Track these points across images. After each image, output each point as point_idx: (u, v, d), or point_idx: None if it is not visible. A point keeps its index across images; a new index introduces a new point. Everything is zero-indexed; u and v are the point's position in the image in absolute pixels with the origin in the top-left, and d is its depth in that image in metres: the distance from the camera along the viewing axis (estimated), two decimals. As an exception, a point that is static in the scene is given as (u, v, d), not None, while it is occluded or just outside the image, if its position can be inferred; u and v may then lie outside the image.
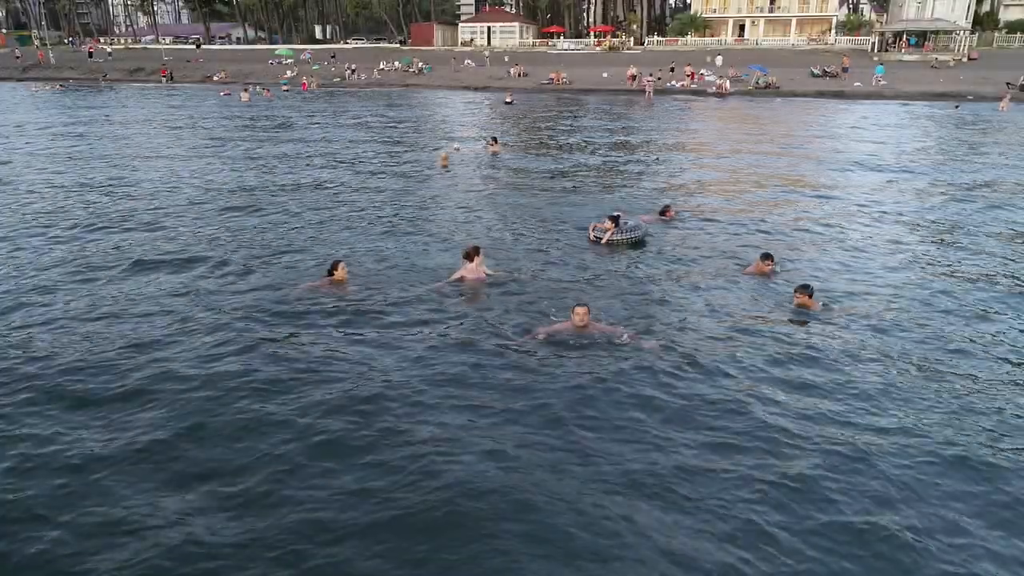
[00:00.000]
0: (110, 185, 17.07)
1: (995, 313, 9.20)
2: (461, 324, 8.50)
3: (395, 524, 5.06)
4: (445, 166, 19.45)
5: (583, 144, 25.07)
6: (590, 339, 7.88)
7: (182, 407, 6.58)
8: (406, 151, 23.28)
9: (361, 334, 8.21)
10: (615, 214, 12.30)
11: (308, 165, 20.15)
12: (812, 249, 12.09)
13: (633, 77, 49.66)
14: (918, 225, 13.87)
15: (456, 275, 9.86)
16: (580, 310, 7.85)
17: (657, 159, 22.10)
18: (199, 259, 11.14)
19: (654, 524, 5.07)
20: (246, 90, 44.45)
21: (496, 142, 22.31)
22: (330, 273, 9.66)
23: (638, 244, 11.99)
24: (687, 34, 67.62)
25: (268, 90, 47.19)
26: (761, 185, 17.79)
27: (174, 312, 8.88)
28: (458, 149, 22.38)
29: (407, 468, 5.66)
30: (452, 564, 4.72)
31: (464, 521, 5.07)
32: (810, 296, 9.01)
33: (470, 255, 9.89)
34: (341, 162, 20.74)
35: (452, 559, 4.76)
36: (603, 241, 11.88)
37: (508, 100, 40.79)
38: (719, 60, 54.26)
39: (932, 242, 12.67)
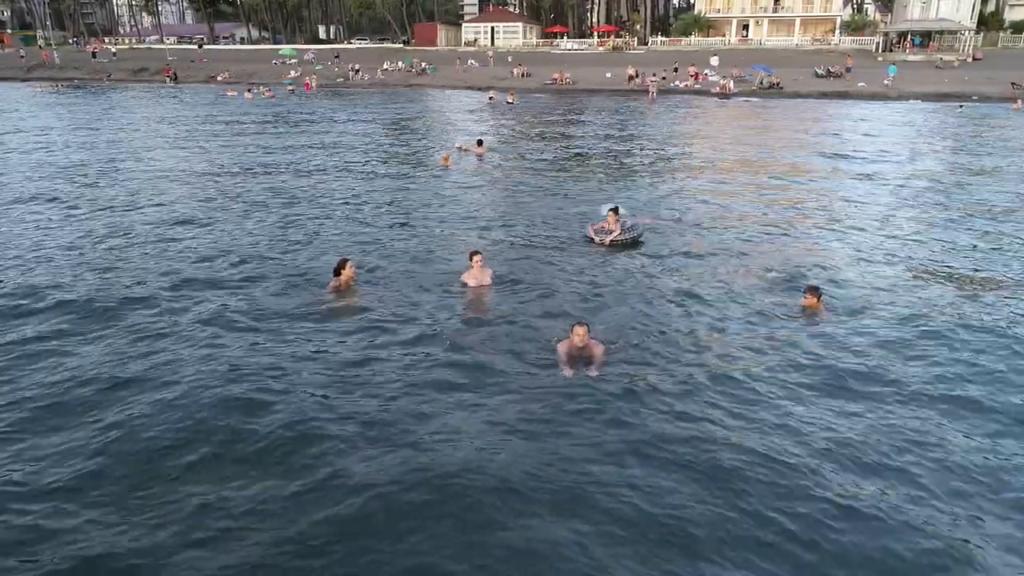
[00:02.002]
0: (113, 184, 17.12)
1: (1000, 316, 9.15)
2: (464, 335, 8.28)
3: (381, 527, 5.04)
4: (447, 166, 19.44)
5: (585, 144, 25.03)
6: (589, 359, 7.53)
7: (176, 408, 6.56)
8: (408, 151, 23.29)
9: (364, 339, 8.15)
10: (614, 207, 12.36)
11: (311, 165, 20.14)
12: (816, 251, 12.04)
13: (631, 77, 49.63)
14: (930, 226, 13.77)
15: (461, 277, 9.84)
16: (580, 330, 7.52)
17: (658, 159, 22.03)
18: (202, 260, 11.16)
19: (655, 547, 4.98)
20: (249, 90, 44.52)
21: (482, 144, 22.22)
22: (337, 272, 9.59)
23: (635, 243, 11.99)
24: (691, 34, 67.49)
25: (269, 89, 47.26)
26: (762, 185, 17.73)
27: (171, 314, 8.89)
28: (461, 148, 22.34)
29: (398, 477, 5.58)
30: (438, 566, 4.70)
31: (451, 529, 5.00)
32: (818, 299, 8.93)
33: (470, 257, 9.87)
34: (343, 161, 20.73)
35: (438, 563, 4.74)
36: (608, 242, 11.83)
37: (510, 100, 40.84)
38: (715, 60, 54.10)
39: (944, 244, 12.58)
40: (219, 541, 4.87)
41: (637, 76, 49.94)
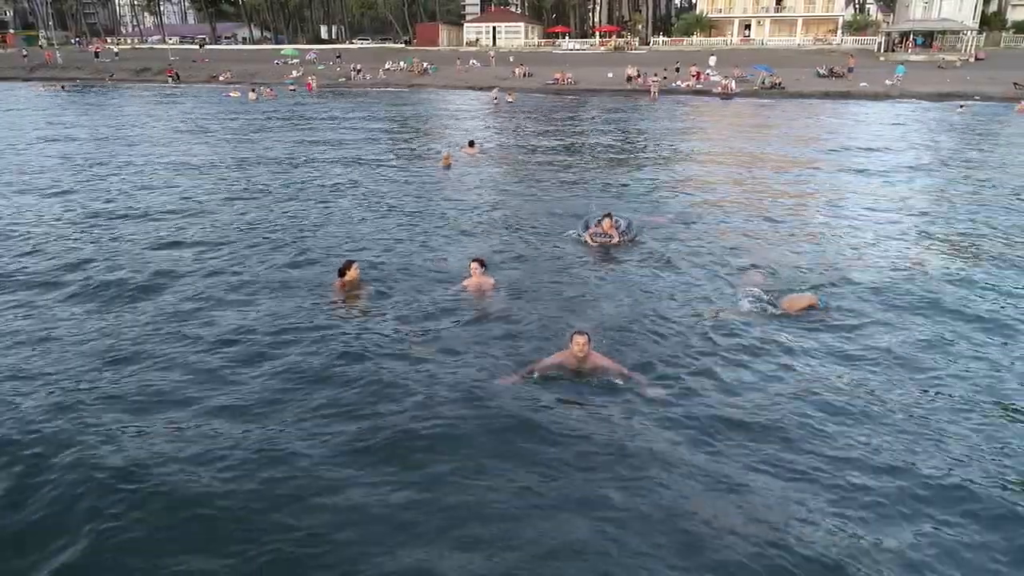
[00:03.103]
0: (118, 180, 17.15)
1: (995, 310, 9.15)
2: (464, 344, 8.01)
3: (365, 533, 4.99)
4: (448, 166, 19.45)
5: (586, 143, 25.04)
6: (589, 371, 7.09)
7: (177, 417, 6.50)
8: (410, 150, 23.30)
9: (362, 343, 8.04)
10: (608, 212, 12.25)
11: (313, 164, 20.16)
12: (814, 249, 12.02)
13: (630, 78, 49.54)
14: (930, 225, 13.72)
15: (462, 283, 9.71)
16: (580, 339, 6.93)
17: (659, 158, 22.01)
18: (204, 256, 11.22)
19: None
20: (253, 90, 44.59)
21: (473, 145, 22.23)
22: (342, 273, 9.50)
23: (632, 243, 11.91)
24: (692, 34, 67.49)
25: (271, 89, 47.36)
26: (764, 182, 17.71)
27: (174, 314, 8.89)
28: (462, 150, 22.34)
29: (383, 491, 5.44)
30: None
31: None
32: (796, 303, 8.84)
33: (470, 265, 9.76)
34: (346, 161, 20.74)
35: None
36: (614, 242, 11.76)
37: (509, 99, 41.52)
38: (712, 60, 54.19)
39: (945, 244, 12.57)
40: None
41: (638, 76, 49.93)
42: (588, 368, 7.09)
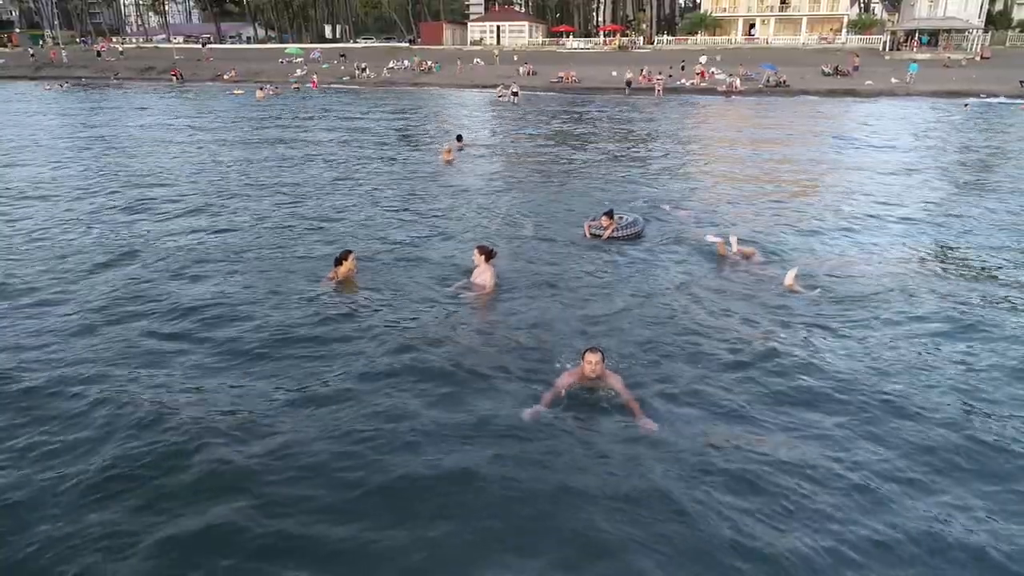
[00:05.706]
0: (127, 181, 17.20)
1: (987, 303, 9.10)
2: (464, 344, 7.68)
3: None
4: (449, 161, 19.45)
5: (588, 140, 25.02)
6: (602, 391, 6.51)
7: (175, 413, 6.31)
8: (411, 147, 23.31)
9: (352, 337, 7.85)
10: (609, 209, 12.12)
11: (315, 160, 20.15)
12: (809, 242, 11.96)
13: (629, 82, 49.40)
14: (932, 222, 13.70)
15: (467, 278, 9.51)
16: (592, 357, 6.38)
17: (661, 154, 21.96)
18: (202, 247, 11.23)
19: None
20: (261, 88, 44.75)
21: (461, 140, 22.25)
22: (338, 263, 9.34)
23: (636, 239, 11.81)
24: (697, 33, 67.44)
25: (276, 88, 47.52)
26: (766, 178, 17.67)
27: (174, 308, 8.84)
28: (460, 148, 22.34)
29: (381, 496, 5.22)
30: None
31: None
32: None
33: (474, 252, 9.57)
34: (347, 157, 20.73)
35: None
36: (604, 238, 11.70)
37: (514, 91, 41.80)
38: (703, 59, 54.36)
39: (945, 239, 12.54)
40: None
41: (643, 75, 49.85)
42: (601, 387, 6.52)
